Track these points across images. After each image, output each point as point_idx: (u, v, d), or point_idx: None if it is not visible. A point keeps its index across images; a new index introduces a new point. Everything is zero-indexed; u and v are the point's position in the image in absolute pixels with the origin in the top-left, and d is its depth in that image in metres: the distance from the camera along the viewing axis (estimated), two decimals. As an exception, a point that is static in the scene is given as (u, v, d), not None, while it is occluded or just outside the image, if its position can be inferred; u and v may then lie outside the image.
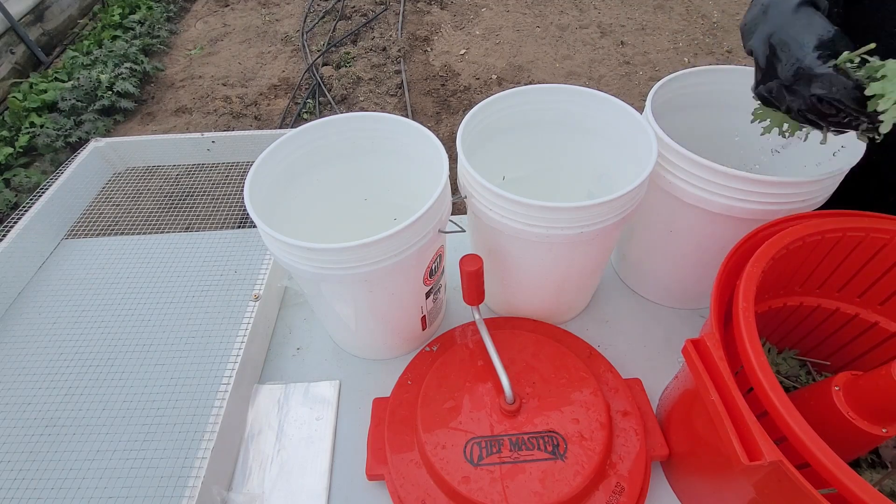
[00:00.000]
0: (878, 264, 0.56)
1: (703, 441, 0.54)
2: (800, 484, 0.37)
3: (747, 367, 0.42)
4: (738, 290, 0.47)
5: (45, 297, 0.90)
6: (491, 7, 3.64)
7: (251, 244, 0.96)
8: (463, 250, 0.69)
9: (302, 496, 0.64)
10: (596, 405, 0.63)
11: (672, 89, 0.72)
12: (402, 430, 0.64)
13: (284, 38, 3.43)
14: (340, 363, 0.79)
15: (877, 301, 0.58)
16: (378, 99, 2.86)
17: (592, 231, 0.59)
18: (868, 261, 0.56)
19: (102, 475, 0.67)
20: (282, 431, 0.70)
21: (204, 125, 2.75)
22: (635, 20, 3.41)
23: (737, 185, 0.58)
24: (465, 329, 0.75)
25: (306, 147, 0.71)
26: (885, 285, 0.57)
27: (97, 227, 1.02)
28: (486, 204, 0.61)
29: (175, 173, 1.14)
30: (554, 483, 0.56)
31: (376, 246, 0.54)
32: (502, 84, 2.93)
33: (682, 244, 0.72)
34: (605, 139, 0.74)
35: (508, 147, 0.78)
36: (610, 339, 0.79)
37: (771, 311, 0.63)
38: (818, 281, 0.61)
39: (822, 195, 0.61)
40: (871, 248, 0.55)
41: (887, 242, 0.53)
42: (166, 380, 0.77)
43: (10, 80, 2.88)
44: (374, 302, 0.66)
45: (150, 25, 3.44)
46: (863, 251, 0.55)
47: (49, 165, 2.49)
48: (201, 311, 0.86)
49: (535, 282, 0.72)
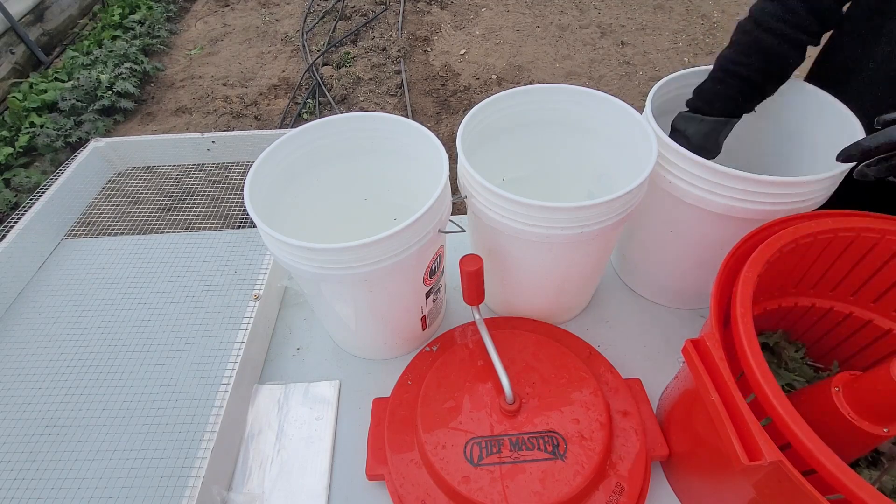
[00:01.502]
0: (869, 263, 0.56)
1: (703, 441, 0.54)
2: (800, 484, 0.37)
3: (748, 374, 0.42)
4: (736, 295, 0.47)
5: (45, 297, 0.90)
6: (491, 7, 3.64)
7: (251, 244, 0.96)
8: (463, 250, 0.69)
9: (302, 496, 0.64)
10: (596, 405, 0.63)
11: (672, 89, 0.72)
12: (402, 430, 0.64)
13: (284, 38, 3.42)
14: (340, 363, 0.79)
15: (870, 299, 0.59)
16: (378, 99, 2.86)
17: (592, 231, 0.59)
18: (860, 260, 0.56)
19: (102, 475, 0.67)
20: (282, 431, 0.70)
21: (204, 125, 2.75)
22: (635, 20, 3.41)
23: (737, 185, 0.58)
24: (465, 329, 0.75)
25: (306, 147, 0.71)
26: (877, 283, 0.57)
27: (97, 227, 1.02)
28: (486, 204, 0.61)
29: (175, 173, 1.14)
30: (554, 483, 0.56)
31: (376, 246, 0.54)
32: (502, 84, 2.93)
33: (682, 244, 0.72)
34: (605, 139, 0.73)
35: (508, 147, 0.78)
36: (610, 339, 0.79)
37: (766, 312, 0.63)
38: (812, 281, 0.61)
39: (822, 195, 0.61)
40: (862, 248, 0.55)
41: (878, 241, 0.54)
42: (166, 380, 0.77)
43: (10, 80, 2.88)
44: (374, 302, 0.66)
45: (150, 25, 3.44)
46: (854, 250, 0.56)
47: (49, 165, 2.49)
48: (201, 311, 0.85)
49: (535, 282, 0.72)
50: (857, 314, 0.60)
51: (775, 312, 0.64)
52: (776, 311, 0.64)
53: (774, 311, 0.64)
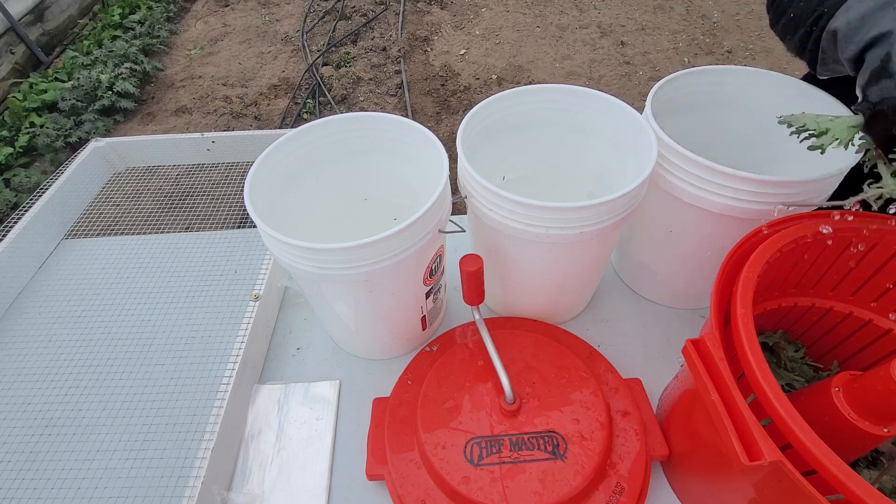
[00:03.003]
0: (869, 263, 0.56)
1: (703, 441, 0.54)
2: (800, 484, 0.37)
3: (748, 374, 0.42)
4: (736, 295, 0.47)
5: (45, 297, 0.90)
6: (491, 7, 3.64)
7: (251, 244, 0.96)
8: (463, 250, 0.69)
9: (302, 496, 0.64)
10: (596, 405, 0.63)
11: (672, 89, 0.72)
12: (402, 430, 0.64)
13: (284, 38, 3.42)
14: (340, 363, 0.79)
15: (869, 299, 0.59)
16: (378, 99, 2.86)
17: (592, 231, 0.59)
18: (859, 260, 0.56)
19: (102, 475, 0.67)
20: (282, 431, 0.70)
21: (204, 125, 2.75)
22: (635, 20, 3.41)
23: (737, 185, 0.58)
24: (465, 329, 0.75)
25: (306, 147, 0.71)
26: (876, 283, 0.57)
27: (97, 227, 1.02)
28: (486, 204, 0.61)
29: (175, 173, 1.14)
30: (554, 483, 0.56)
31: (376, 246, 0.54)
32: (502, 84, 2.93)
33: (682, 244, 0.72)
34: (605, 139, 0.73)
35: (508, 147, 0.78)
36: (610, 339, 0.79)
37: (766, 312, 0.63)
38: (811, 281, 0.61)
39: (822, 195, 0.61)
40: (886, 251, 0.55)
41: (878, 241, 0.54)
42: (166, 380, 0.77)
43: (10, 80, 2.87)
44: (374, 302, 0.66)
45: (150, 25, 3.44)
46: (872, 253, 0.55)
47: (49, 165, 2.48)
48: (201, 311, 0.85)
49: (535, 282, 0.72)
50: (856, 314, 0.60)
51: (775, 312, 0.64)
52: (776, 311, 0.64)
53: (774, 311, 0.64)
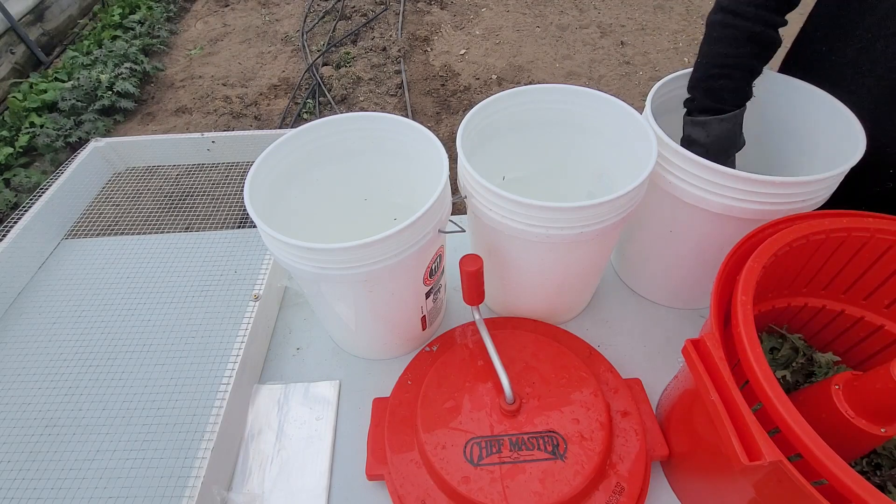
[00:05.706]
0: (883, 266, 0.55)
1: (703, 441, 0.54)
2: (799, 484, 0.37)
3: (749, 374, 0.42)
4: (736, 295, 0.47)
5: (45, 297, 0.90)
6: (491, 7, 3.64)
7: (251, 244, 0.96)
8: (463, 250, 0.69)
9: (302, 496, 0.64)
10: (596, 405, 0.63)
11: (672, 89, 0.72)
12: (402, 430, 0.64)
13: (284, 38, 3.42)
14: (340, 363, 0.79)
15: (883, 304, 0.58)
16: (378, 99, 2.86)
17: (592, 231, 0.59)
18: (874, 262, 0.56)
19: (102, 475, 0.67)
20: (282, 431, 0.70)
21: (204, 125, 2.75)
22: (635, 20, 3.41)
23: (737, 185, 0.58)
24: (465, 329, 0.75)
25: (306, 147, 0.71)
26: (891, 288, 0.56)
27: (97, 227, 1.02)
28: (486, 204, 0.61)
29: (175, 173, 1.14)
30: (554, 483, 0.56)
31: (376, 246, 0.54)
32: (502, 84, 2.93)
33: (682, 244, 0.72)
34: (605, 139, 0.73)
35: (508, 147, 0.78)
36: (610, 339, 0.79)
37: (775, 310, 0.63)
38: (823, 282, 0.61)
39: (823, 195, 0.61)
40: (876, 250, 0.54)
41: (893, 244, 0.53)
42: (166, 380, 0.77)
43: (10, 80, 2.88)
44: (374, 302, 0.66)
45: (150, 25, 3.44)
46: (868, 252, 0.55)
47: (49, 165, 2.49)
48: (201, 311, 0.85)
49: (535, 282, 0.72)
50: (869, 318, 0.60)
51: (785, 311, 0.64)
52: (786, 310, 0.64)
53: (784, 309, 0.63)
